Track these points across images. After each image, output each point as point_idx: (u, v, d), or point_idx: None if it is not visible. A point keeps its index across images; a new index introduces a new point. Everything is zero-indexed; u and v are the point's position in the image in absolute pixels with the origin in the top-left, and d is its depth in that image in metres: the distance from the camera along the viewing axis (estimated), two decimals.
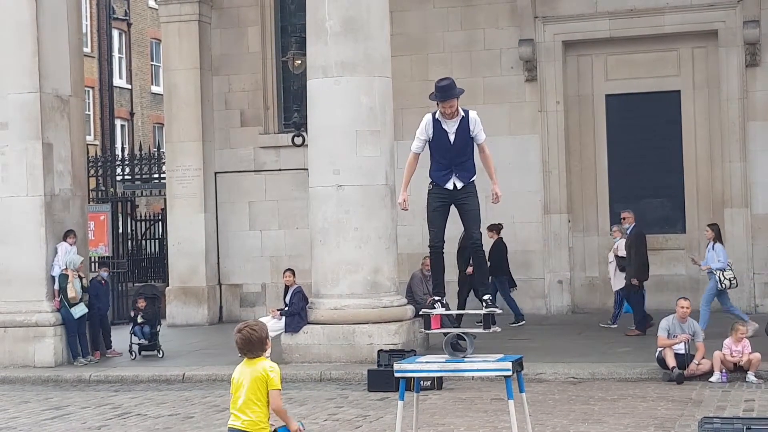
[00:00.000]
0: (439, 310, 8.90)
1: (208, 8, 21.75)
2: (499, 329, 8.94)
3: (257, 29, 21.66)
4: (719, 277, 15.80)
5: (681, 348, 13.12)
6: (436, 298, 9.00)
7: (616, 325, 17.53)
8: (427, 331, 8.99)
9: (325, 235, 15.19)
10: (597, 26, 20.16)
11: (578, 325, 18.36)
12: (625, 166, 20.31)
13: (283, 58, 21.28)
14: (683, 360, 13.00)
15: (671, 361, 12.92)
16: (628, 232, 17.27)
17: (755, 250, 19.32)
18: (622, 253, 17.32)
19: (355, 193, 15.04)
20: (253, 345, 6.18)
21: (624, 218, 17.47)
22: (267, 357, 6.28)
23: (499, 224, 18.59)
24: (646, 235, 17.47)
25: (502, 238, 18.64)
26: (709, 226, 16.56)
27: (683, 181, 20.15)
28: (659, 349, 13.22)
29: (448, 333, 8.70)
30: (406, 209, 9.05)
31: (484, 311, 8.80)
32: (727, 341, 13.10)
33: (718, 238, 16.23)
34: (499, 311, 8.88)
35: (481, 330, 8.85)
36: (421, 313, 9.39)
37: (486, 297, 8.95)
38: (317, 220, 15.34)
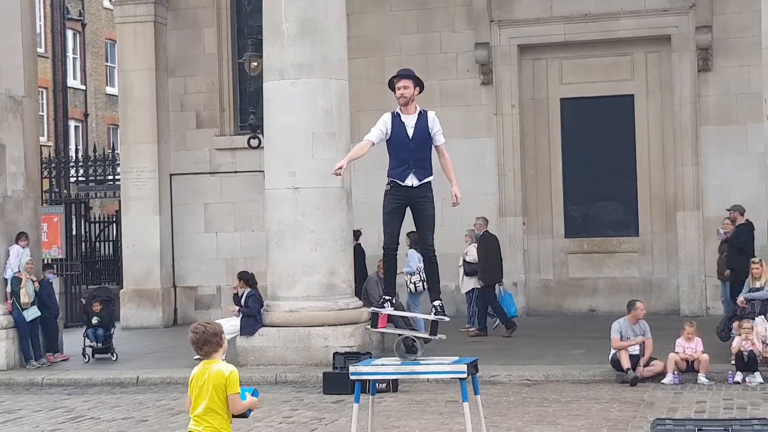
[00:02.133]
0: (388, 309, 8.94)
1: (164, 9, 21.61)
2: (444, 337, 8.99)
3: (213, 31, 21.56)
4: (406, 281, 16.80)
5: (636, 350, 13.24)
6: (387, 297, 9.04)
7: (473, 327, 17.72)
8: (373, 329, 9.03)
9: (281, 238, 15.15)
10: (552, 30, 20.27)
11: (533, 327, 18.44)
12: (580, 169, 20.45)
13: (239, 59, 21.20)
14: (638, 361, 13.12)
15: (626, 363, 13.02)
16: (477, 237, 17.75)
17: (707, 252, 19.49)
18: (471, 258, 17.60)
19: (311, 196, 15.02)
20: (208, 341, 6.14)
21: (476, 225, 17.96)
22: (223, 359, 6.23)
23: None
24: (498, 239, 18.05)
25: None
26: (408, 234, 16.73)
27: (636, 184, 20.31)
28: (613, 351, 13.32)
29: (400, 334, 8.74)
30: (339, 174, 9.09)
31: (432, 317, 8.84)
32: (680, 340, 13.24)
33: (414, 245, 16.70)
34: (446, 319, 8.91)
35: (426, 335, 8.92)
36: (369, 310, 9.41)
37: (436, 303, 8.99)
38: (273, 222, 15.30)
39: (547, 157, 20.72)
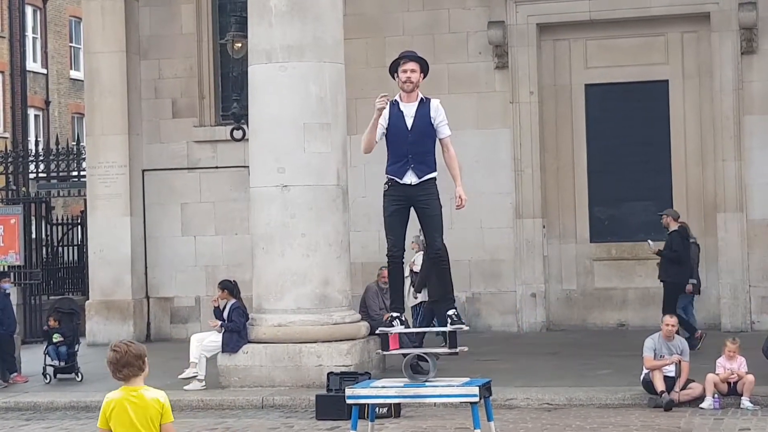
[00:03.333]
0: (398, 328, 8.90)
1: None
2: (466, 349, 8.96)
3: (192, 7, 21.55)
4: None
5: (671, 370, 13.20)
6: (395, 314, 9.00)
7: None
8: (384, 353, 8.98)
9: (269, 242, 15.14)
10: (576, 7, 20.26)
11: (554, 344, 18.43)
12: (607, 164, 20.44)
13: (221, 40, 21.20)
14: (674, 383, 13.09)
15: (660, 385, 13.00)
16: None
17: (751, 260, 19.50)
18: (418, 267, 17.53)
19: (302, 195, 15.01)
20: (128, 364, 6.09)
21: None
22: (144, 385, 6.19)
23: None
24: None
25: None
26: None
27: (671, 182, 20.30)
28: (645, 371, 13.30)
29: (408, 354, 8.71)
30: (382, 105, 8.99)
31: (449, 328, 8.81)
32: (720, 360, 13.22)
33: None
34: (465, 328, 8.89)
35: (446, 350, 8.86)
36: (378, 331, 9.39)
37: (450, 312, 8.96)
38: (259, 224, 15.29)
39: (570, 151, 20.71)
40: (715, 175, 19.89)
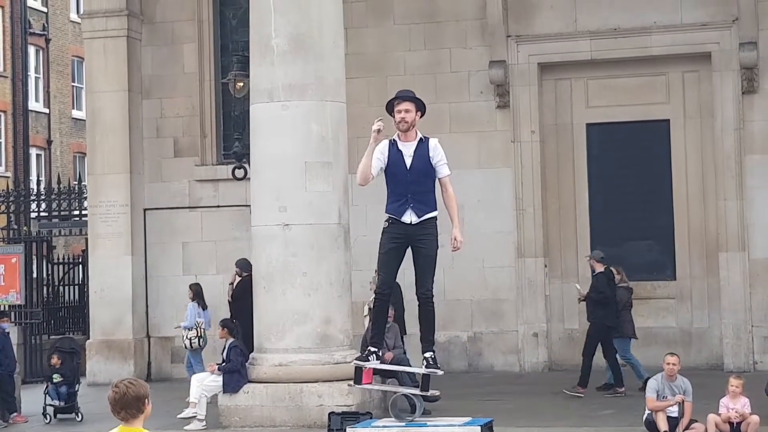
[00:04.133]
0: (373, 363, 8.90)
1: (139, 23, 21.70)
2: (438, 393, 8.96)
3: (194, 47, 21.63)
4: (183, 336, 18.31)
5: (674, 410, 13.14)
6: (372, 349, 8.99)
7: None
8: (356, 386, 8.98)
9: (270, 281, 15.11)
10: (577, 47, 20.33)
11: (556, 383, 18.33)
12: (608, 204, 20.44)
13: (223, 79, 21.25)
14: (677, 424, 13.02)
15: (663, 425, 12.93)
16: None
17: (754, 299, 19.45)
18: None
19: (303, 234, 14.99)
20: (127, 405, 6.03)
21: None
22: (141, 428, 6.13)
23: None
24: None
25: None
26: (190, 286, 18.98)
27: (673, 221, 20.28)
28: (648, 412, 13.23)
29: (388, 391, 8.73)
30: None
31: (423, 371, 8.81)
32: (724, 399, 13.14)
33: (196, 296, 18.72)
34: (440, 372, 8.87)
35: (417, 392, 8.87)
36: (352, 363, 9.38)
37: (428, 355, 8.95)
38: (260, 263, 15.26)
39: (572, 190, 20.71)
40: (717, 214, 19.88)
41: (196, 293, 18.88)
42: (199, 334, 18.32)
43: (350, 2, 19.48)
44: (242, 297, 17.46)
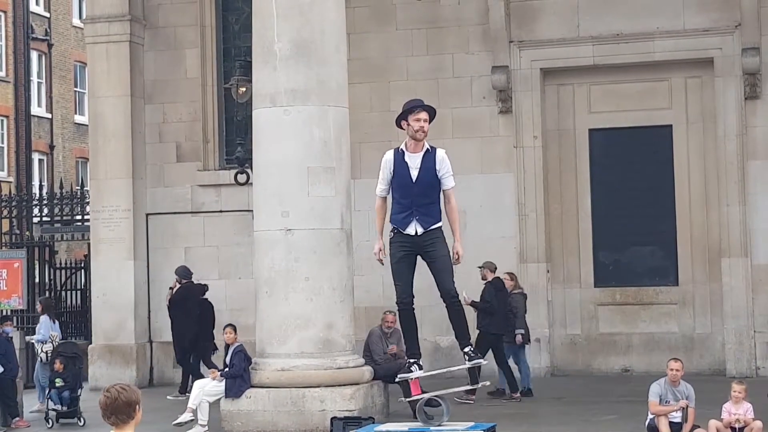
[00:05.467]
0: (417, 373, 8.86)
1: (141, 28, 21.72)
2: (488, 383, 8.93)
3: (196, 52, 21.65)
4: (38, 351, 18.13)
5: (677, 416, 13.12)
6: (412, 360, 8.96)
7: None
8: (407, 400, 8.93)
9: (272, 286, 15.11)
10: (579, 52, 20.34)
11: (558, 389, 18.35)
12: (611, 209, 20.44)
13: (225, 84, 21.26)
14: (680, 429, 13.00)
15: (665, 431, 12.90)
16: None
17: (756, 305, 19.44)
18: None
19: (306, 238, 14.99)
20: (118, 410, 6.01)
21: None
22: None
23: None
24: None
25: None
26: (39, 300, 19.09)
27: (675, 226, 20.29)
28: (650, 417, 13.22)
29: (421, 397, 8.69)
30: (381, 261, 9.03)
31: (468, 365, 8.77)
32: (726, 405, 13.11)
33: (46, 310, 18.70)
34: (484, 362, 8.85)
35: (467, 387, 8.84)
36: (397, 379, 9.36)
37: (467, 349, 8.92)
38: (263, 268, 15.26)
39: (574, 195, 20.71)
40: (720, 220, 19.88)
41: (46, 306, 19.08)
42: (54, 347, 18.07)
43: (353, 8, 19.52)
44: (179, 302, 19.33)
